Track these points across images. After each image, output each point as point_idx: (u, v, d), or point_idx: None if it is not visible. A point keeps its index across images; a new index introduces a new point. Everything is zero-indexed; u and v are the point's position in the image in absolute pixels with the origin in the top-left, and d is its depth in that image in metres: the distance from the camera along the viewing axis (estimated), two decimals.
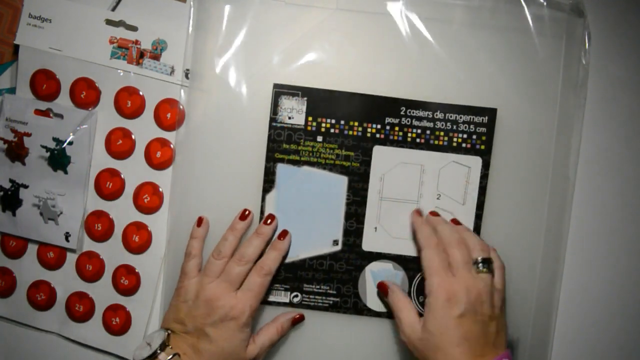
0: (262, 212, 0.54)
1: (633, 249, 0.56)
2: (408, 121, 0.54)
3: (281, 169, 0.54)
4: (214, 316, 0.48)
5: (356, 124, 0.53)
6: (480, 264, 0.49)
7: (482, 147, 0.54)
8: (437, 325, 0.47)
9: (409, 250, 0.54)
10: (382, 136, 0.54)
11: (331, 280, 0.54)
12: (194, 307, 0.49)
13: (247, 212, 0.53)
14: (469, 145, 0.54)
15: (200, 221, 0.53)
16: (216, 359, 0.49)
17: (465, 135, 0.54)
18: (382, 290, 0.54)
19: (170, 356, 0.47)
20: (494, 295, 0.48)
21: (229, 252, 0.51)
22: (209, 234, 0.54)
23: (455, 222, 0.53)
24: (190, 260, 0.52)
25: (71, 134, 0.54)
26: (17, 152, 0.54)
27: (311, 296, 0.55)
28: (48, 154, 0.54)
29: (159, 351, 0.47)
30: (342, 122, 0.53)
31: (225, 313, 0.49)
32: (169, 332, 0.49)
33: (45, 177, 0.55)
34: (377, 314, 0.54)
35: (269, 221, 0.53)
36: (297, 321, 0.54)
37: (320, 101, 0.53)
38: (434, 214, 0.54)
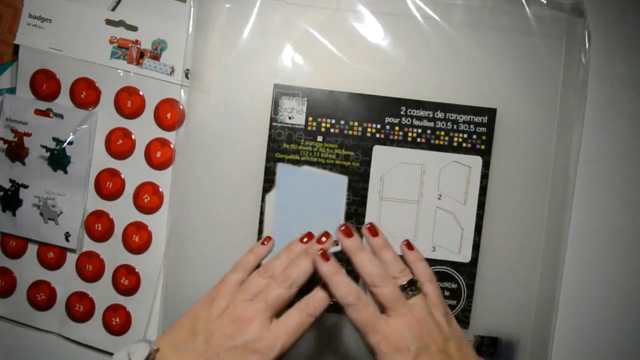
0: (262, 212, 0.54)
1: (633, 249, 0.56)
2: (408, 121, 0.54)
3: (281, 168, 0.54)
4: (237, 339, 0.41)
5: (356, 123, 0.53)
6: (407, 290, 0.43)
7: (483, 147, 0.54)
8: None
9: None
10: (382, 136, 0.54)
11: None
12: (217, 321, 0.42)
13: (309, 236, 0.48)
14: (469, 145, 0.54)
15: (266, 240, 0.49)
16: None
17: (465, 135, 0.54)
18: None
19: None
20: (434, 315, 0.43)
21: (278, 272, 0.44)
22: (208, 234, 0.54)
23: (372, 231, 0.47)
24: (236, 274, 0.46)
25: (71, 134, 0.54)
26: (17, 152, 0.54)
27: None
28: (48, 154, 0.54)
29: None
30: (342, 122, 0.53)
31: (250, 339, 0.41)
32: (156, 348, 0.41)
33: (45, 177, 0.55)
34: None
35: (323, 239, 0.46)
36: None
37: (320, 101, 0.53)
38: (348, 233, 0.45)
